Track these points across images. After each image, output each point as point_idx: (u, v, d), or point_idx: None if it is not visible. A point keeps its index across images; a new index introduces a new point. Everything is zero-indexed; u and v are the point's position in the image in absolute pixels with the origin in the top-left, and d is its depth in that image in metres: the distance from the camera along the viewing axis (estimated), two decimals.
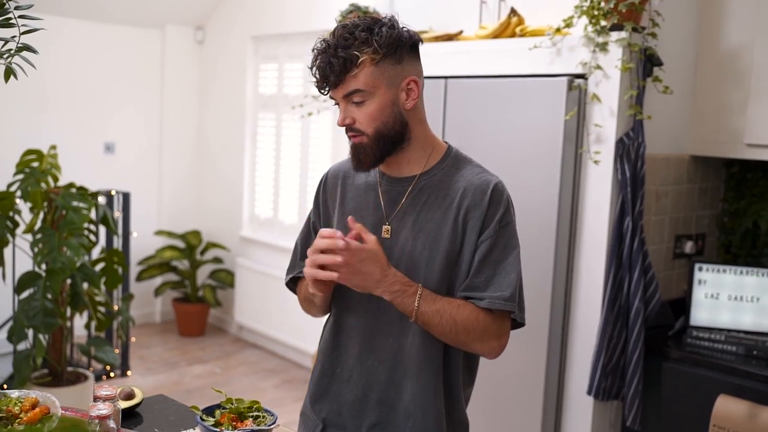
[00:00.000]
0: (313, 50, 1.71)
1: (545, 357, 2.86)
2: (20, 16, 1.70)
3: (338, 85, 1.68)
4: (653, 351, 2.83)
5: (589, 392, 2.79)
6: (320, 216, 1.92)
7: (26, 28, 1.70)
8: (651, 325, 2.88)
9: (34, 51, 1.71)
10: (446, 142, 1.86)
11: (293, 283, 1.96)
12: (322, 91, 1.71)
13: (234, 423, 1.61)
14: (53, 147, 4.22)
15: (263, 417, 1.64)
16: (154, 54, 6.15)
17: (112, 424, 1.58)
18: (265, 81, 5.85)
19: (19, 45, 1.70)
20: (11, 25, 1.70)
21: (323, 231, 1.66)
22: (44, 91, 5.50)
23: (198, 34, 6.30)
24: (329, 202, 1.91)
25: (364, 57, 1.65)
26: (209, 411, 1.65)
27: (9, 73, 1.69)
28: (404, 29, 1.72)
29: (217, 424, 1.59)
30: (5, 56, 1.69)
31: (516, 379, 2.95)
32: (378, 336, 1.77)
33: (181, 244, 6.14)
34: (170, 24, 6.14)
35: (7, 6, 1.71)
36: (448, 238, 1.73)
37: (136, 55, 6.04)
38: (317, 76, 1.69)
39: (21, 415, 1.61)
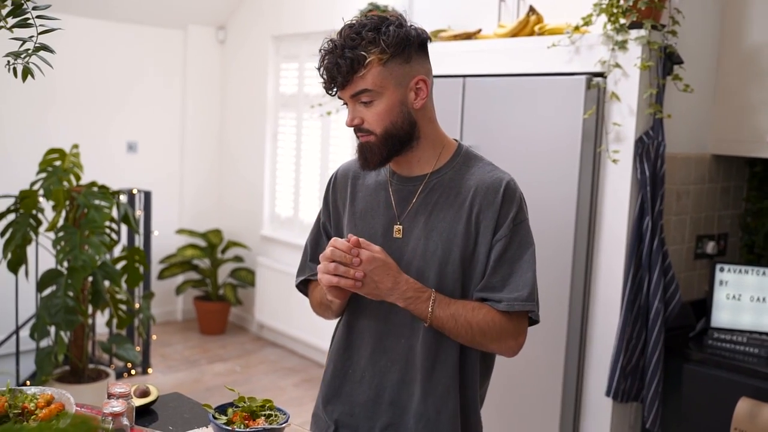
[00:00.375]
0: (320, 50, 1.70)
1: (563, 357, 2.84)
2: (38, 17, 1.71)
3: (346, 85, 1.67)
4: (674, 352, 2.80)
5: (607, 393, 2.77)
6: (330, 217, 1.91)
7: (44, 28, 1.71)
8: (671, 327, 2.85)
9: (51, 51, 1.72)
10: (456, 140, 1.85)
11: (304, 285, 1.96)
12: (330, 91, 1.70)
13: (246, 421, 1.61)
14: (75, 146, 4.27)
15: (275, 416, 1.64)
16: (177, 54, 6.19)
17: (125, 421, 1.59)
18: (285, 80, 5.86)
19: (36, 45, 1.71)
20: (29, 26, 1.71)
21: (336, 241, 1.66)
22: (67, 91, 5.55)
23: (220, 34, 6.33)
24: (339, 202, 1.90)
25: (371, 57, 1.64)
26: (222, 409, 1.65)
27: (27, 72, 1.70)
28: (412, 27, 1.70)
29: (229, 423, 1.60)
30: (23, 56, 1.70)
31: (534, 379, 2.93)
32: (390, 337, 1.77)
33: (202, 242, 6.18)
34: (192, 24, 6.17)
35: (24, 6, 1.73)
36: (461, 237, 1.71)
37: (159, 55, 6.09)
38: (325, 76, 1.68)
39: (36, 412, 1.62)
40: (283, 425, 1.61)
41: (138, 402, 1.89)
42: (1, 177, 5.05)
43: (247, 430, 1.57)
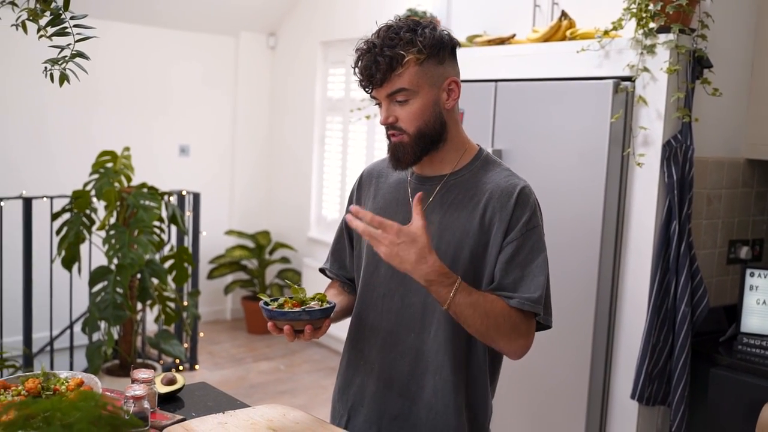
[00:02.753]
0: (356, 50, 1.75)
1: (590, 360, 2.86)
2: (75, 26, 1.82)
3: (383, 83, 1.71)
4: (701, 357, 2.80)
5: (632, 396, 2.78)
6: None
7: (80, 36, 1.82)
8: (701, 331, 2.85)
9: (86, 57, 1.84)
10: (478, 145, 1.90)
11: (324, 272, 2.08)
12: (367, 89, 1.75)
13: (294, 308, 1.70)
14: (126, 148, 4.43)
15: (322, 305, 1.72)
16: (229, 60, 6.36)
17: (146, 404, 1.69)
18: (333, 85, 5.98)
19: (73, 52, 1.83)
20: (66, 34, 1.83)
21: (353, 207, 1.67)
22: (122, 96, 5.76)
23: (270, 40, 6.48)
24: (363, 200, 1.97)
25: (409, 56, 1.69)
26: (275, 299, 1.74)
27: (63, 78, 1.82)
28: (444, 32, 1.77)
29: (280, 307, 1.69)
30: (60, 63, 1.82)
31: (560, 381, 2.95)
32: (400, 331, 1.82)
33: (250, 243, 6.32)
34: (244, 31, 6.34)
35: (62, 16, 1.84)
36: (473, 237, 1.76)
37: (212, 61, 6.27)
38: (362, 74, 1.73)
39: (66, 394, 1.73)
40: (317, 310, 1.67)
41: (164, 389, 1.99)
42: (57, 178, 5.26)
43: (284, 310, 1.66)
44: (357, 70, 1.75)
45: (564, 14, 3.10)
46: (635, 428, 2.83)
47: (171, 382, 2.03)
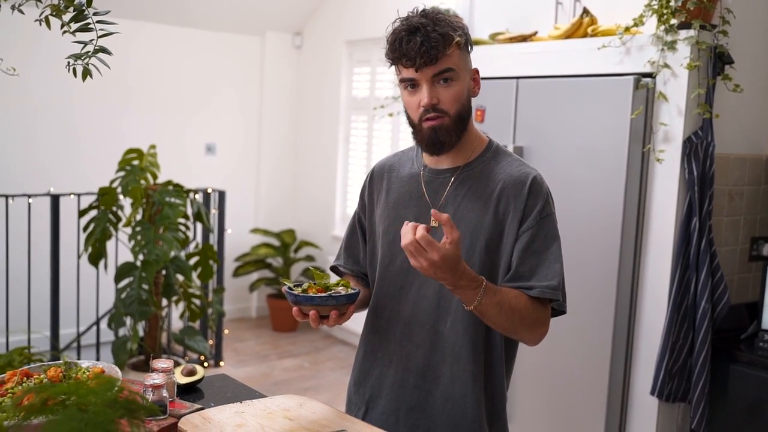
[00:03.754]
0: (396, 31, 1.75)
1: (609, 356, 2.86)
2: (98, 21, 1.86)
3: (436, 61, 1.70)
4: (721, 354, 2.79)
5: (652, 393, 2.77)
6: (365, 209, 2.00)
7: (103, 32, 1.86)
8: (721, 328, 2.83)
9: (108, 53, 1.87)
10: (488, 137, 1.91)
11: (336, 270, 2.09)
12: (416, 66, 1.70)
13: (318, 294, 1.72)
14: (152, 146, 4.49)
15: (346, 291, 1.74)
16: (255, 59, 6.41)
17: (165, 393, 1.72)
18: (358, 84, 6.01)
19: (95, 47, 1.87)
20: (90, 30, 1.86)
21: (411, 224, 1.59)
22: (149, 95, 5.82)
23: (296, 39, 6.52)
24: (375, 195, 1.98)
25: (457, 38, 1.72)
26: (298, 285, 1.76)
27: (86, 73, 1.86)
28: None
29: (304, 292, 1.71)
30: (83, 58, 1.86)
31: (580, 377, 2.95)
32: (416, 322, 1.84)
33: (275, 242, 6.37)
34: (270, 31, 6.38)
35: (86, 12, 1.88)
36: (488, 227, 1.77)
37: (238, 61, 6.32)
38: (414, 52, 1.69)
39: (87, 382, 1.77)
40: (343, 295, 1.69)
41: (184, 380, 2.02)
42: (84, 175, 5.33)
43: (310, 295, 1.68)
44: (404, 49, 1.71)
45: (585, 11, 3.10)
46: (655, 425, 2.82)
47: (191, 373, 2.06)
